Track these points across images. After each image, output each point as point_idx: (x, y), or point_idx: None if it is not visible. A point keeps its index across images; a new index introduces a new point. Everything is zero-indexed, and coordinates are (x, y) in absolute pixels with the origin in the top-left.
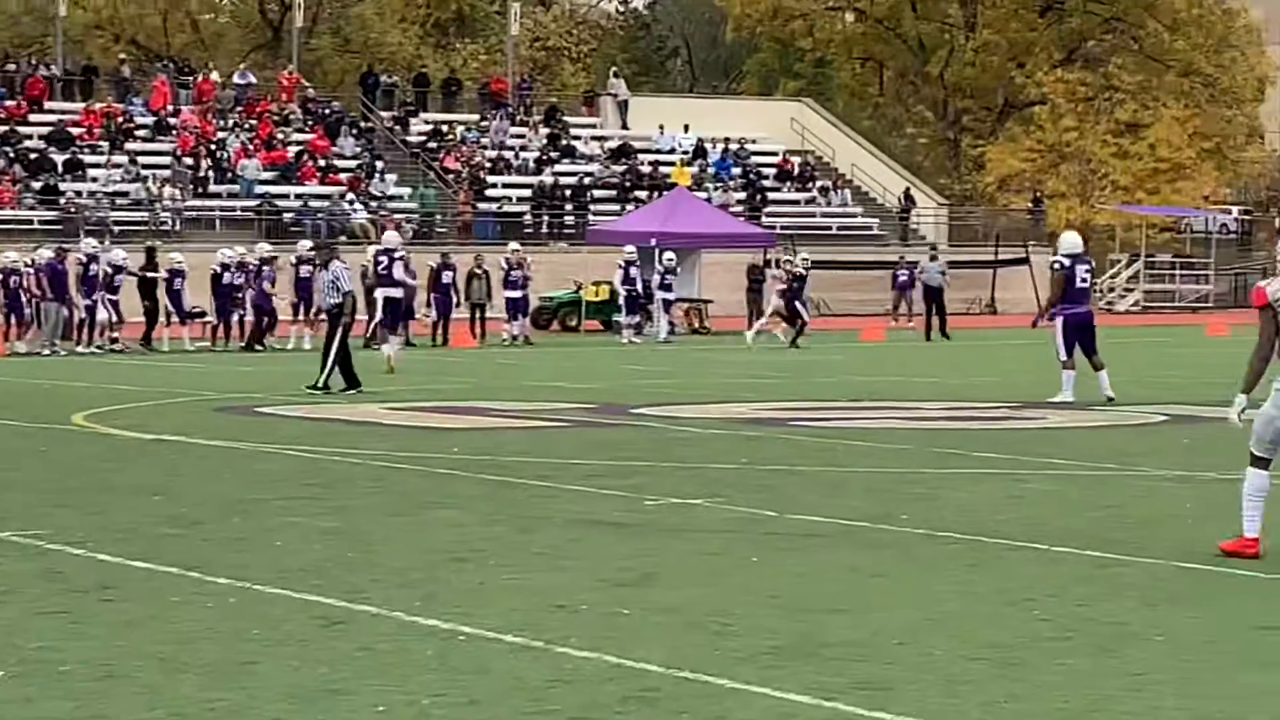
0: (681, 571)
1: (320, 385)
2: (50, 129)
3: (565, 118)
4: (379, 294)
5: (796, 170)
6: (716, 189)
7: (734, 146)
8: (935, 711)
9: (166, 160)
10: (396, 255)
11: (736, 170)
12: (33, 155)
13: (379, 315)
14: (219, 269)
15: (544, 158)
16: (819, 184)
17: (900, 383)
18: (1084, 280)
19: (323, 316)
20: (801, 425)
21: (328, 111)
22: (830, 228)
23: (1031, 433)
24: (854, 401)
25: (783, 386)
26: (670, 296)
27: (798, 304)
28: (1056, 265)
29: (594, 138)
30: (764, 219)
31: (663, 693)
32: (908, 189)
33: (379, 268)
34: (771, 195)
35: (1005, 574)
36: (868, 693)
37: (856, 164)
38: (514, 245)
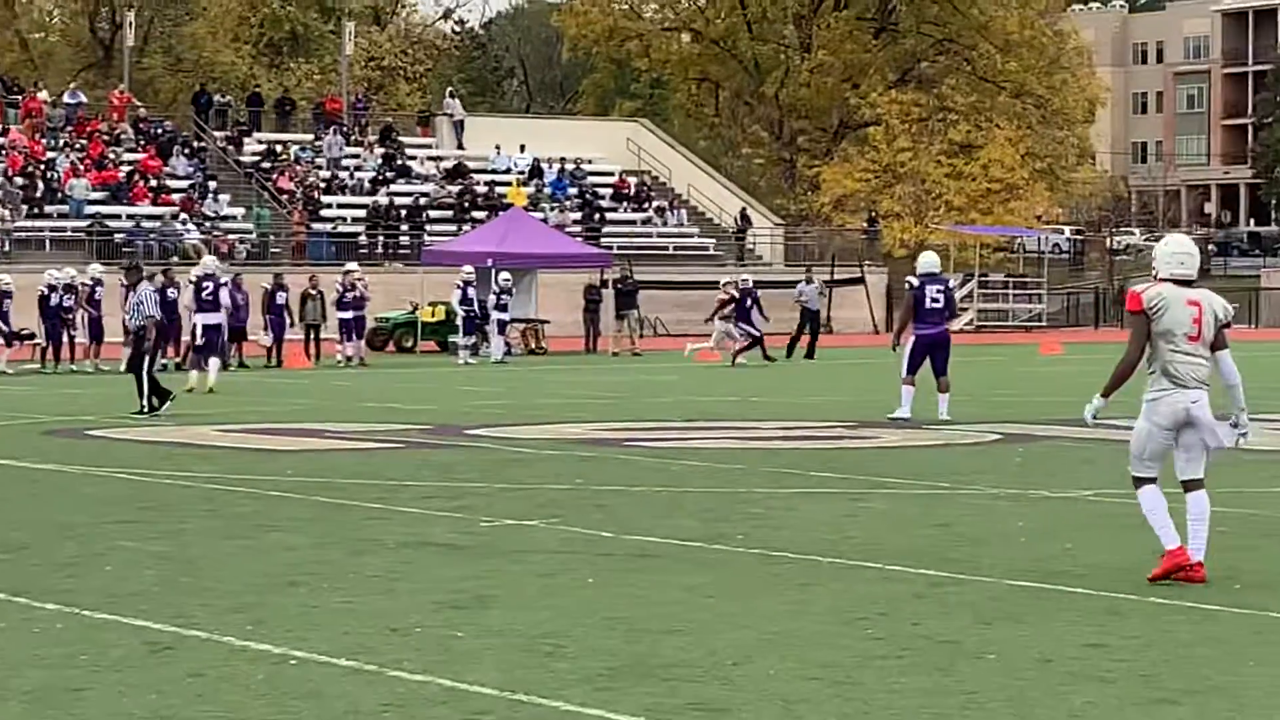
0: (516, 593)
1: (144, 409)
2: None
3: (401, 137)
4: (197, 320)
5: (633, 190)
6: (553, 209)
7: (570, 167)
8: None
9: None
10: (219, 281)
11: (573, 190)
12: None
13: (196, 341)
14: (46, 290)
15: (379, 177)
16: (655, 204)
17: (736, 403)
18: (935, 300)
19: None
20: (637, 445)
21: (160, 131)
22: (667, 248)
23: (866, 452)
24: (689, 421)
25: (618, 407)
26: (506, 317)
27: (744, 325)
28: (909, 285)
29: (430, 158)
30: (601, 239)
31: (496, 716)
32: (744, 209)
33: (201, 293)
34: (608, 215)
35: (840, 593)
36: (703, 713)
37: (693, 184)
38: (352, 266)
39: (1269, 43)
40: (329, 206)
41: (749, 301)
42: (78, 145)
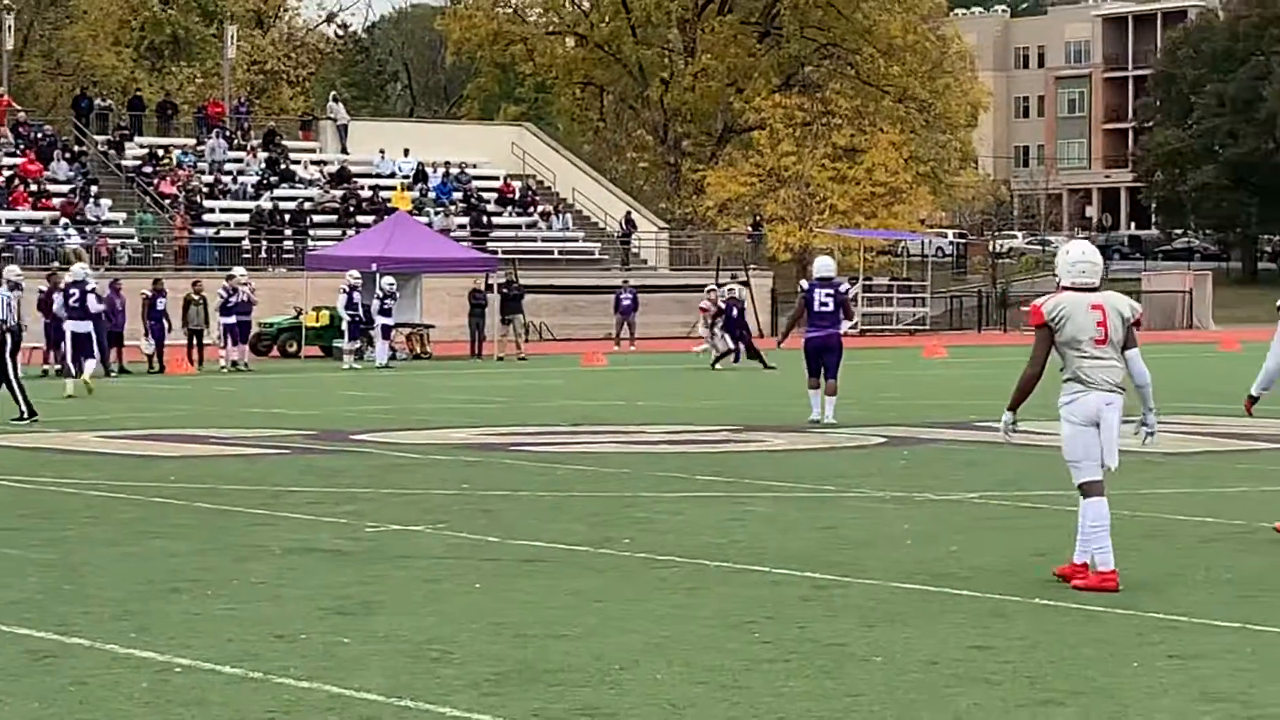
0: (402, 599)
1: (24, 415)
2: None
3: (284, 142)
4: (68, 327)
5: (518, 194)
6: (437, 213)
7: (455, 171)
8: None
9: None
10: (87, 287)
11: (458, 194)
12: None
13: (67, 348)
14: None
15: (263, 182)
16: (541, 208)
17: (622, 407)
18: (824, 304)
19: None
20: (523, 450)
21: (40, 135)
22: (552, 252)
23: (752, 455)
24: (575, 426)
25: (503, 411)
26: (390, 322)
27: (727, 334)
28: (800, 288)
29: (313, 162)
30: (486, 244)
31: None
32: (629, 213)
33: (69, 300)
34: (493, 219)
35: (726, 597)
36: (590, 718)
37: (578, 188)
38: (238, 270)
39: (1148, 47)
40: (212, 211)
41: (735, 311)
42: None
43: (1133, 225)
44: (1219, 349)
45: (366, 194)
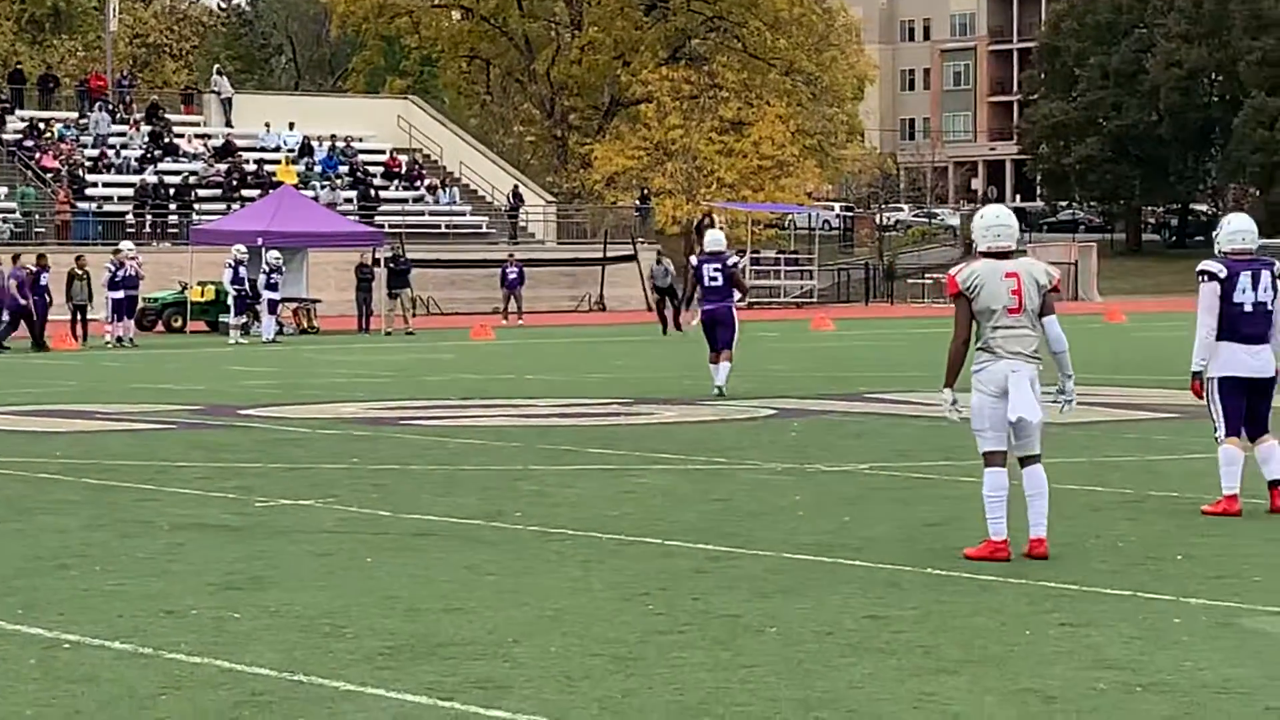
0: (294, 573)
1: None
2: None
3: (168, 115)
4: None
5: (404, 168)
6: (324, 187)
7: (341, 145)
8: (553, 708)
9: None
10: None
11: (344, 168)
12: None
13: None
14: None
15: (146, 156)
16: (427, 182)
17: (511, 381)
18: (714, 279)
19: None
20: (413, 424)
21: None
22: (440, 226)
23: (643, 428)
24: (465, 400)
25: (393, 386)
26: (276, 296)
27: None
28: (691, 263)
29: (197, 136)
30: (374, 218)
31: (275, 697)
32: (516, 187)
33: None
34: (380, 193)
35: (619, 569)
36: (485, 691)
37: (465, 162)
38: (126, 244)
39: (1033, 20)
40: (95, 185)
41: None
42: None
43: (1018, 198)
44: (1104, 320)
45: (251, 168)
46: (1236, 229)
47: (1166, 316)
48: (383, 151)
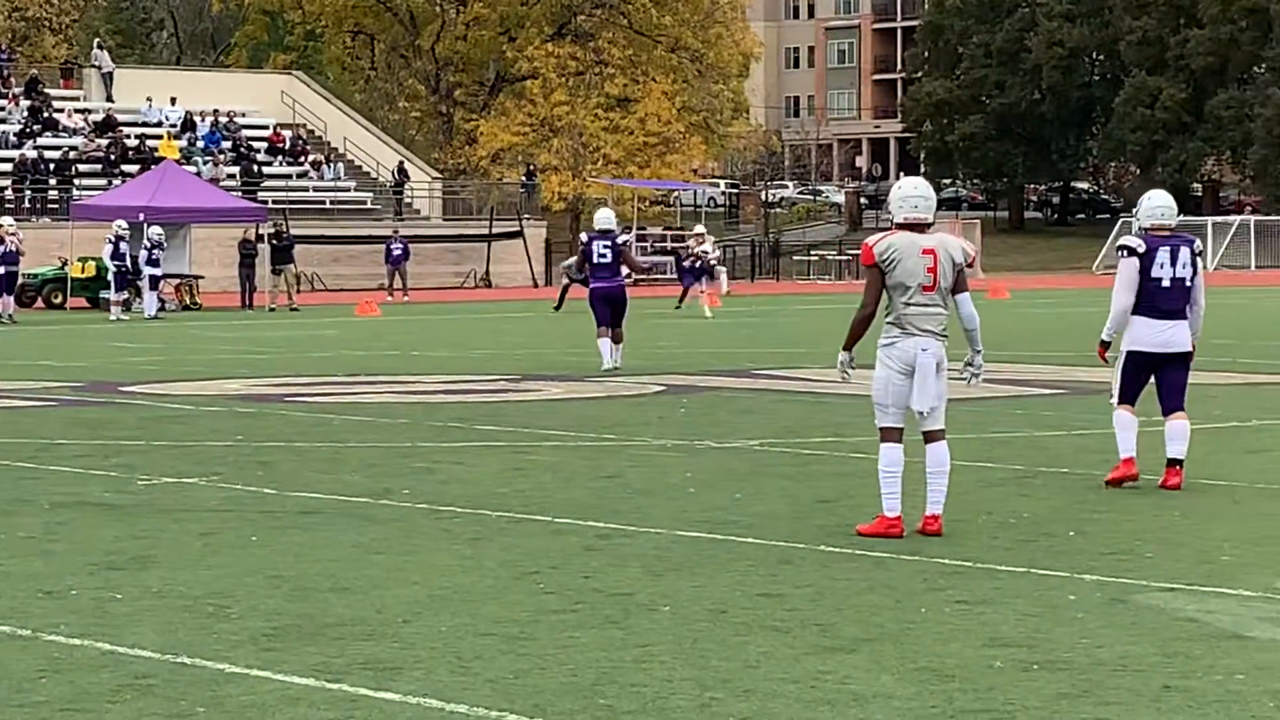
0: (177, 553)
1: None
2: None
3: (47, 90)
4: None
5: (288, 144)
6: (206, 163)
7: (224, 120)
8: (444, 689)
9: None
10: None
11: (226, 144)
12: None
13: None
14: None
15: (26, 130)
16: (311, 158)
17: (397, 357)
18: (602, 255)
19: None
20: (298, 401)
21: None
22: (324, 202)
23: (531, 405)
24: (351, 376)
25: (277, 362)
26: (158, 272)
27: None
28: (581, 241)
29: (78, 110)
30: (257, 193)
31: (158, 679)
32: (401, 163)
33: None
34: (264, 169)
35: (509, 547)
36: (374, 672)
37: (349, 137)
38: (7, 220)
39: None
40: None
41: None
42: None
43: (901, 175)
44: (988, 297)
45: (133, 143)
46: (1156, 205)
47: (1049, 293)
48: (266, 127)
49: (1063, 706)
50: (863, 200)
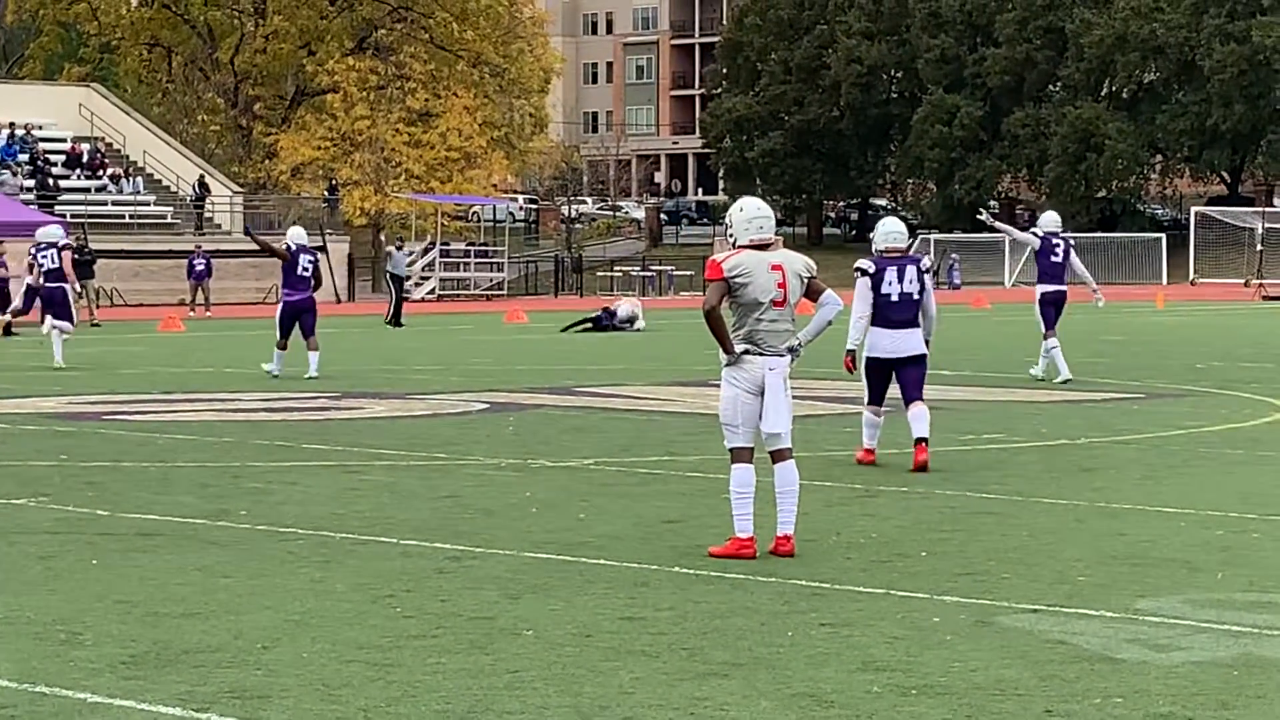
0: (18, 577)
1: None
2: None
3: None
4: None
5: (86, 157)
6: (2, 176)
7: (20, 133)
8: (317, 717)
9: None
10: None
11: (23, 157)
12: None
13: None
14: None
15: None
16: (110, 171)
17: (210, 374)
18: (305, 269)
19: None
20: (117, 419)
21: None
22: (124, 216)
23: (355, 422)
24: (167, 393)
25: (88, 379)
26: None
27: None
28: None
29: None
30: (55, 208)
31: (19, 711)
32: (201, 176)
33: None
34: (61, 183)
35: (359, 570)
36: (242, 700)
37: (149, 151)
38: None
39: (715, 15)
40: None
41: None
42: None
43: (700, 191)
44: None
45: None
46: (889, 230)
47: (847, 310)
48: (64, 140)
49: None
50: (663, 216)
